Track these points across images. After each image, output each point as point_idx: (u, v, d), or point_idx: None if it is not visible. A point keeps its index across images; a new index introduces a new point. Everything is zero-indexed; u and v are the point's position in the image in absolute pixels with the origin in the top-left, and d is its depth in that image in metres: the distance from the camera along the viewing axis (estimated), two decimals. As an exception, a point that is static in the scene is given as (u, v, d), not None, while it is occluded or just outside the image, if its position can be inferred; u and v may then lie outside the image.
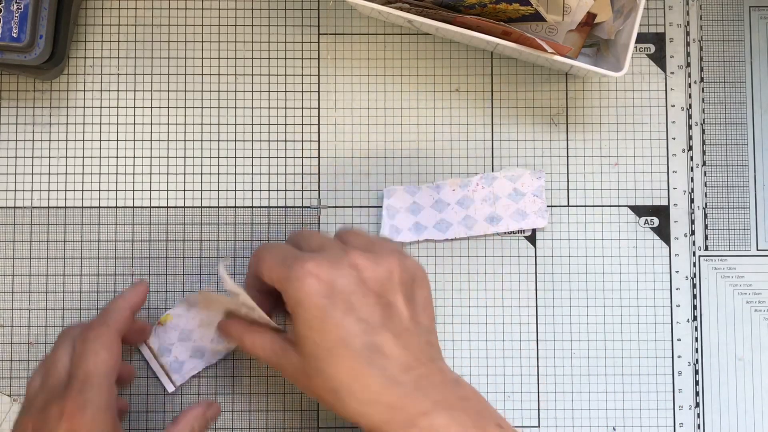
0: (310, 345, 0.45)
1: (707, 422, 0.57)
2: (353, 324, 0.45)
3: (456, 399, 0.45)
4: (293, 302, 0.45)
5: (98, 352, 0.48)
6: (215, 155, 0.58)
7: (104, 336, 0.49)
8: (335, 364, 0.44)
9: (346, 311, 0.45)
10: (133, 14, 0.59)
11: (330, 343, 0.45)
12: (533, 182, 0.58)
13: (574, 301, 0.58)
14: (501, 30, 0.53)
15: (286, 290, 0.46)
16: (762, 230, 0.58)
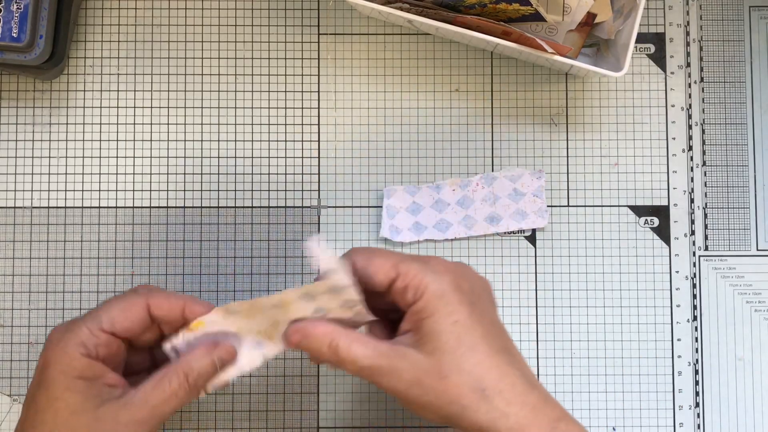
0: (452, 341, 0.43)
1: (707, 422, 0.57)
2: (490, 325, 0.45)
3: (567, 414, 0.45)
4: (434, 296, 0.43)
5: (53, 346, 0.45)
6: (215, 155, 0.58)
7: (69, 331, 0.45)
8: (480, 361, 0.43)
9: (483, 312, 0.45)
10: (133, 14, 0.59)
11: (474, 339, 0.43)
12: (533, 182, 0.58)
13: (574, 301, 0.58)
14: (501, 30, 0.53)
15: (422, 284, 0.43)
16: (762, 230, 0.58)
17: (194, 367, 0.45)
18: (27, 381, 0.57)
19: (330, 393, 0.57)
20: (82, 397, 0.43)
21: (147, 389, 0.44)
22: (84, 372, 0.44)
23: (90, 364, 0.44)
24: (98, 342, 0.45)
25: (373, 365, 0.43)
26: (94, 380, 0.44)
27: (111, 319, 0.45)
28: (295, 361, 0.57)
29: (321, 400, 0.57)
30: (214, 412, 0.57)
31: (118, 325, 0.45)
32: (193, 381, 0.45)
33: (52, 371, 0.44)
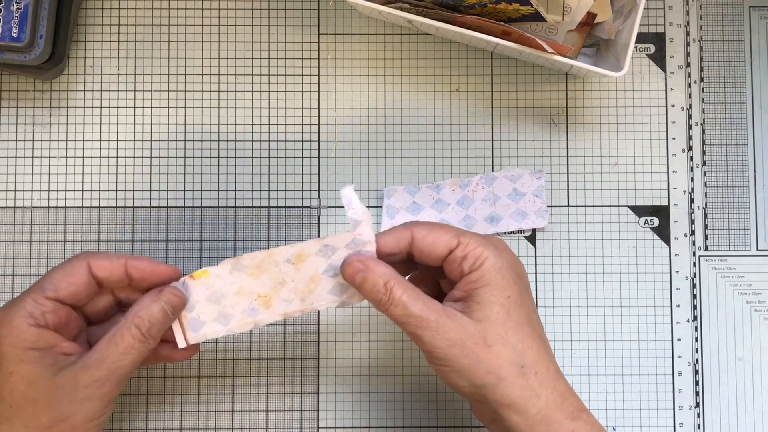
0: (503, 314, 0.44)
1: (707, 422, 0.57)
2: (533, 309, 0.46)
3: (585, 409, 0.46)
4: (493, 268, 0.45)
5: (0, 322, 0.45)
6: (215, 155, 0.58)
7: None
8: (524, 339, 0.44)
9: (528, 296, 0.46)
10: (133, 14, 0.59)
11: (521, 318, 0.45)
12: (533, 182, 0.58)
13: (574, 301, 0.58)
14: (501, 30, 0.53)
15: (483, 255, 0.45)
16: (762, 230, 0.58)
17: (143, 316, 0.45)
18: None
19: (330, 393, 0.57)
20: (36, 366, 0.43)
21: (101, 347, 0.44)
22: (36, 342, 0.44)
23: (40, 333, 0.44)
24: (44, 309, 0.44)
25: (422, 315, 0.44)
26: (48, 349, 0.44)
27: (53, 285, 0.45)
28: (295, 361, 0.57)
29: (321, 400, 0.57)
30: (214, 412, 0.57)
31: (61, 290, 0.45)
32: (146, 330, 0.45)
33: (3, 346, 0.44)
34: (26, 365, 0.43)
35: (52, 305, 0.45)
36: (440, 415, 0.57)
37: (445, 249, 0.46)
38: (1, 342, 0.44)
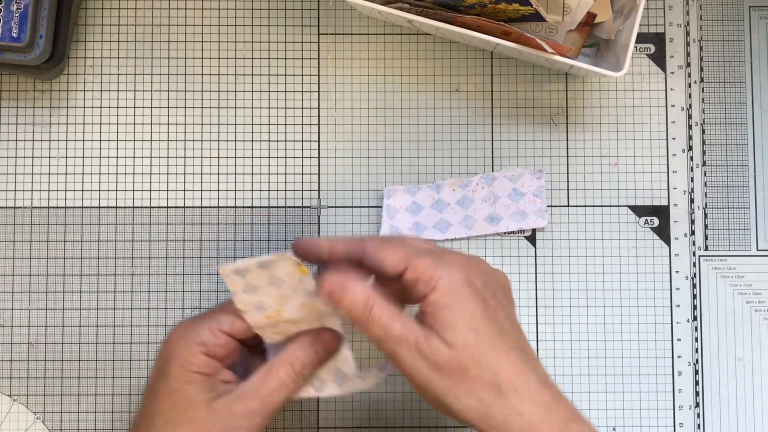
0: (471, 334, 0.43)
1: (707, 422, 0.57)
2: (505, 321, 0.45)
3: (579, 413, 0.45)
4: (447, 290, 0.43)
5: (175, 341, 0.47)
6: (215, 155, 0.58)
7: None
8: (497, 357, 0.43)
9: (497, 308, 0.45)
10: (133, 14, 0.59)
11: (490, 334, 0.43)
12: (533, 182, 0.58)
13: (574, 301, 0.58)
14: (501, 30, 0.53)
15: (434, 278, 0.43)
16: (762, 230, 0.58)
17: (298, 355, 0.46)
18: (27, 381, 0.57)
19: (330, 393, 0.57)
20: (199, 390, 0.45)
21: (256, 380, 0.46)
22: (202, 368, 0.46)
23: (208, 361, 0.46)
24: (217, 342, 0.46)
25: (401, 336, 0.43)
26: (211, 376, 0.46)
27: (231, 322, 0.47)
28: (295, 361, 0.57)
29: (321, 400, 0.57)
30: (214, 412, 0.57)
31: (237, 326, 0.47)
32: (299, 369, 0.46)
33: (173, 365, 0.46)
34: (191, 386, 0.45)
35: (225, 339, 0.46)
36: (440, 414, 0.57)
37: (393, 270, 0.44)
38: (172, 360, 0.46)
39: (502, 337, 0.44)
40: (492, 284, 0.45)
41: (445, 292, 0.43)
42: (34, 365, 0.57)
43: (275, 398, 0.46)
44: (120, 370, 0.57)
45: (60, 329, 0.57)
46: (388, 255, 0.45)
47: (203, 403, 0.45)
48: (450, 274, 0.43)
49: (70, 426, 0.57)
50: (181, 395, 0.45)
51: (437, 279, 0.43)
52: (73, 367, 0.57)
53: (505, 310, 0.45)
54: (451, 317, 0.43)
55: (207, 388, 0.45)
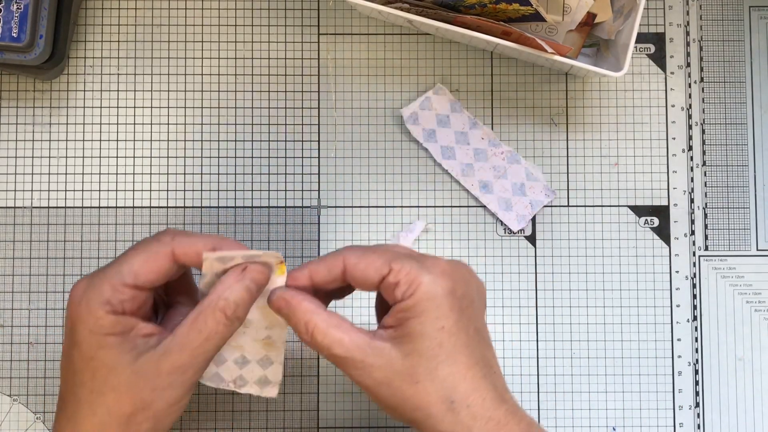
0: (434, 347, 0.42)
1: (707, 422, 0.57)
2: (475, 333, 0.43)
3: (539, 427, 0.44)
4: (425, 297, 0.42)
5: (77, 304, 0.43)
6: (215, 155, 0.58)
7: None
8: (455, 371, 0.42)
9: (471, 319, 0.43)
10: (133, 14, 0.59)
11: (455, 347, 0.42)
12: (540, 195, 0.58)
13: (574, 301, 0.58)
14: (501, 30, 0.53)
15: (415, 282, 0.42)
16: (762, 230, 0.58)
17: (228, 297, 0.43)
18: (27, 381, 0.57)
19: (330, 393, 0.57)
20: (116, 353, 0.42)
21: (183, 332, 0.42)
22: (113, 328, 0.42)
23: (117, 320, 0.42)
24: (123, 298, 0.42)
25: (347, 356, 0.42)
26: (126, 334, 0.42)
27: (134, 273, 0.43)
28: (295, 361, 0.57)
29: (321, 400, 0.57)
30: (214, 412, 0.57)
31: (142, 277, 0.43)
32: (232, 313, 0.43)
33: (82, 331, 0.42)
34: (106, 351, 0.42)
35: (131, 293, 0.43)
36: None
37: (377, 276, 0.43)
38: (78, 326, 0.42)
39: (467, 351, 0.43)
40: (471, 292, 0.44)
41: (420, 300, 0.42)
42: (34, 365, 0.57)
43: (207, 348, 0.42)
44: (120, 370, 0.57)
45: (60, 329, 0.57)
46: (371, 261, 0.43)
47: (124, 365, 0.42)
48: (431, 281, 0.42)
49: (70, 426, 0.57)
50: (99, 362, 0.42)
51: (417, 285, 0.42)
52: (73, 367, 0.57)
53: (477, 321, 0.44)
54: (418, 326, 0.42)
55: (125, 349, 0.42)
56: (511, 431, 0.42)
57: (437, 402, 0.42)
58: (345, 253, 0.44)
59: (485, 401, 0.42)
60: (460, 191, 0.58)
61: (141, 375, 0.42)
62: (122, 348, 0.42)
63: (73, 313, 0.43)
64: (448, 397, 0.42)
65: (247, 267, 0.44)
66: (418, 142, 0.58)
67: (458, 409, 0.42)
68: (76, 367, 0.43)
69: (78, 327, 0.42)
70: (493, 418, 0.42)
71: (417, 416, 0.42)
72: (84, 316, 0.42)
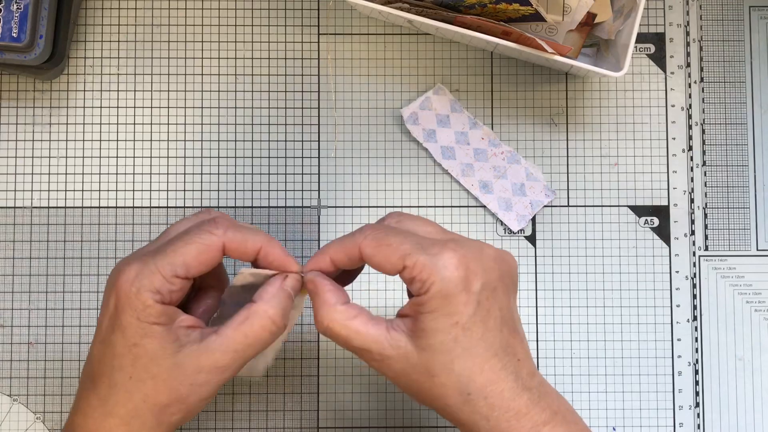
0: (448, 342, 0.42)
1: (707, 422, 0.57)
2: (496, 324, 0.43)
3: (567, 411, 0.44)
4: (438, 295, 0.42)
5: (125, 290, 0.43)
6: (215, 155, 0.58)
7: None
8: (472, 365, 0.42)
9: (490, 309, 0.43)
10: (133, 14, 0.59)
11: (471, 341, 0.42)
12: (540, 195, 0.58)
13: (574, 301, 0.58)
14: (501, 30, 0.53)
15: (429, 280, 0.42)
16: (762, 230, 0.58)
17: (276, 306, 0.43)
18: (27, 381, 0.57)
19: (330, 393, 0.57)
20: (160, 343, 0.42)
21: (229, 333, 0.42)
22: (159, 318, 0.42)
23: (165, 310, 0.42)
24: (173, 288, 0.43)
25: (364, 348, 0.43)
26: (170, 324, 0.43)
27: (186, 265, 0.43)
28: (295, 361, 0.57)
29: (321, 400, 0.57)
30: (214, 412, 0.57)
31: (193, 270, 0.43)
32: (279, 321, 0.43)
33: (128, 317, 0.42)
34: (150, 340, 0.42)
35: (181, 284, 0.43)
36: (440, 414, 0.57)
37: (393, 271, 0.43)
38: (125, 312, 0.42)
39: (484, 344, 0.42)
40: (493, 278, 0.43)
41: (433, 297, 0.42)
42: (34, 365, 0.57)
43: (249, 353, 0.43)
44: (120, 370, 0.57)
45: (60, 329, 0.57)
46: (386, 257, 0.43)
47: (166, 356, 0.42)
48: (445, 278, 0.42)
49: (70, 426, 0.57)
50: (142, 350, 0.42)
51: (431, 283, 0.42)
52: (73, 367, 0.57)
53: (501, 309, 0.44)
54: (432, 322, 0.42)
55: (169, 340, 0.42)
56: (532, 420, 0.42)
57: (454, 394, 0.42)
58: (361, 241, 0.44)
59: (503, 392, 0.42)
60: (460, 191, 0.58)
61: (181, 368, 0.42)
62: (166, 338, 0.42)
63: (122, 298, 0.42)
64: (465, 390, 0.42)
65: (288, 275, 0.45)
66: (418, 142, 0.58)
67: (475, 400, 0.42)
68: (117, 351, 0.43)
69: (125, 312, 0.42)
70: (511, 408, 0.42)
71: (435, 405, 0.43)
72: (133, 301, 0.42)
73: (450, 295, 0.42)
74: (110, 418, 0.43)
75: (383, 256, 0.43)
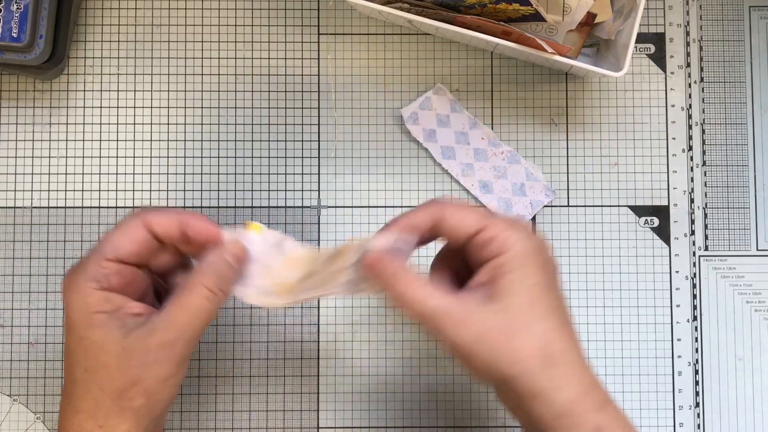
0: (528, 302, 0.42)
1: (707, 422, 0.57)
2: (561, 298, 0.44)
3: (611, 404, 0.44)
4: (520, 254, 0.43)
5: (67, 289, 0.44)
6: (215, 155, 0.58)
7: None
8: (551, 328, 0.43)
9: (555, 284, 0.44)
10: (133, 14, 0.59)
11: (547, 306, 0.43)
12: (540, 195, 0.58)
13: (574, 301, 0.58)
14: (501, 30, 0.53)
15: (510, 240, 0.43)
16: (762, 230, 0.58)
17: (209, 274, 0.44)
18: (27, 381, 0.57)
19: (330, 393, 0.57)
20: (105, 330, 0.43)
21: (170, 310, 0.43)
22: (102, 305, 0.43)
23: (105, 296, 0.43)
24: (107, 272, 0.44)
25: (440, 311, 0.42)
26: (115, 312, 0.43)
27: (113, 246, 0.44)
28: (295, 361, 0.57)
29: (321, 400, 0.57)
30: (214, 412, 0.57)
31: (121, 250, 0.44)
32: (215, 288, 0.44)
33: (72, 312, 0.43)
34: (95, 330, 0.43)
35: (115, 267, 0.44)
36: (440, 414, 0.57)
37: (473, 228, 0.44)
38: (69, 308, 0.43)
39: (558, 312, 0.43)
40: (551, 260, 0.45)
41: (515, 256, 0.43)
42: (34, 365, 0.57)
43: (195, 324, 0.43)
44: (120, 370, 0.57)
45: (60, 329, 0.57)
46: (467, 214, 0.44)
47: (113, 342, 0.43)
48: (524, 239, 0.43)
49: (70, 426, 0.57)
50: (89, 341, 0.43)
51: (513, 242, 0.43)
52: (73, 367, 0.57)
53: (559, 288, 0.45)
54: (514, 281, 0.43)
55: (114, 327, 0.43)
56: (598, 397, 0.43)
57: (534, 356, 0.42)
58: (442, 203, 0.45)
59: (575, 363, 0.43)
60: (460, 191, 0.58)
61: (130, 351, 0.43)
62: (111, 325, 0.43)
63: (65, 298, 0.44)
64: (544, 353, 0.42)
65: (226, 243, 0.45)
66: (418, 142, 0.58)
67: (553, 365, 0.42)
68: (70, 348, 0.44)
69: (70, 308, 0.44)
70: (584, 380, 0.43)
71: (513, 372, 0.42)
72: (73, 297, 0.43)
73: (530, 255, 0.43)
74: (77, 413, 0.44)
75: (463, 214, 0.44)
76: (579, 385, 0.43)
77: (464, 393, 0.57)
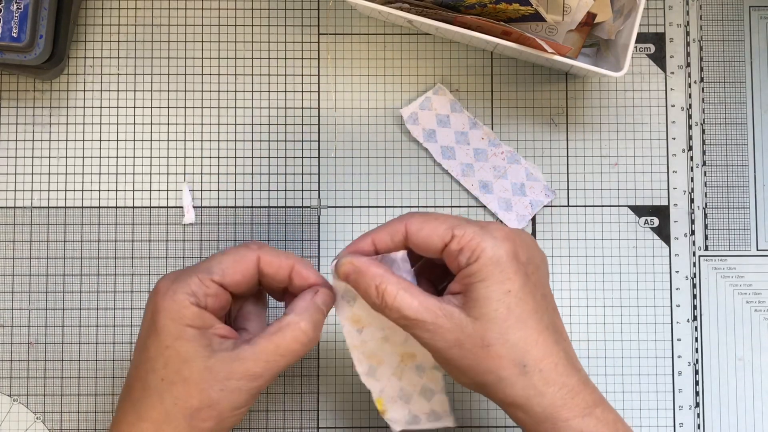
0: (502, 310, 0.42)
1: (707, 422, 0.57)
2: (542, 299, 0.44)
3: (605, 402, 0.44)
4: (489, 261, 0.42)
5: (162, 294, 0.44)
6: (215, 155, 0.58)
7: None
8: (526, 336, 0.42)
9: (537, 285, 0.43)
10: (133, 14, 0.59)
11: (524, 312, 0.42)
12: (540, 195, 0.58)
13: (574, 301, 0.58)
14: (501, 30, 0.53)
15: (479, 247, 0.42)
16: (762, 230, 0.58)
17: (307, 319, 0.44)
18: (27, 381, 0.57)
19: (330, 393, 0.57)
20: (193, 345, 0.43)
21: (262, 344, 0.43)
22: (194, 321, 0.43)
23: (200, 313, 0.43)
24: (208, 292, 0.44)
25: (418, 318, 0.42)
26: (204, 330, 0.44)
27: (222, 271, 0.44)
28: (295, 361, 0.57)
29: (321, 400, 0.57)
30: (214, 412, 0.57)
31: (228, 277, 0.44)
32: (312, 332, 0.44)
33: (163, 319, 0.43)
34: (184, 342, 0.43)
35: (216, 289, 0.44)
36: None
37: (440, 242, 0.43)
38: (161, 314, 0.43)
39: (536, 316, 0.43)
40: (535, 258, 0.44)
41: (485, 264, 0.42)
42: (34, 365, 0.57)
43: (281, 363, 0.43)
44: (120, 370, 0.57)
45: (60, 329, 0.57)
46: (433, 228, 0.44)
47: (198, 359, 0.43)
48: (494, 246, 0.42)
49: (70, 426, 0.57)
50: (174, 351, 0.43)
51: (481, 250, 0.42)
52: (73, 367, 0.57)
53: (543, 288, 0.44)
54: (484, 291, 0.42)
55: (201, 344, 0.43)
56: (584, 400, 0.42)
57: (509, 365, 0.42)
58: (407, 219, 0.45)
59: (558, 367, 0.42)
60: (460, 191, 0.58)
61: (213, 372, 0.43)
62: (199, 342, 0.43)
63: (157, 303, 0.44)
64: (521, 361, 0.42)
65: (319, 290, 0.46)
66: (418, 142, 0.58)
67: (531, 372, 0.42)
68: (150, 354, 0.43)
69: (160, 315, 0.43)
70: (566, 384, 0.42)
71: (488, 379, 0.42)
72: (168, 304, 0.43)
73: (501, 263, 0.42)
74: (142, 422, 0.43)
75: (431, 227, 0.44)
76: (561, 390, 0.42)
77: (464, 393, 0.57)
